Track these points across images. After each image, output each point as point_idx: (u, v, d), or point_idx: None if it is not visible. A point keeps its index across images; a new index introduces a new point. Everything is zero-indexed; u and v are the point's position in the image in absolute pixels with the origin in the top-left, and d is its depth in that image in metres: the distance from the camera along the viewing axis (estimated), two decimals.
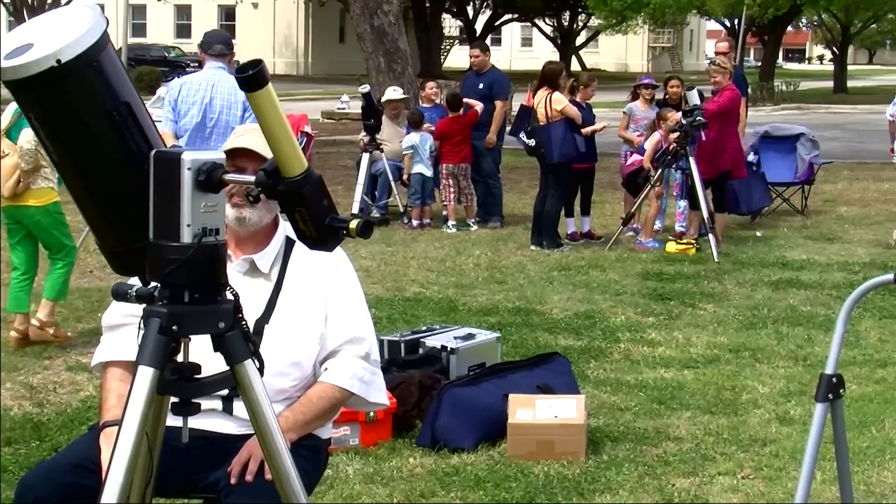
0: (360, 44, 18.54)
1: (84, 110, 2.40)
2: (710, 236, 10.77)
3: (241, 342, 2.54)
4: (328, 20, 60.28)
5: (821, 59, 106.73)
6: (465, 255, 10.89)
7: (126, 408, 2.45)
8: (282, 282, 3.42)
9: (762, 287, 9.54)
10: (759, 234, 12.30)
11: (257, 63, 2.34)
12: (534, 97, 11.55)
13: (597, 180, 12.74)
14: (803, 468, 3.32)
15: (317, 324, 3.42)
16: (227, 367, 2.55)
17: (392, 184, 12.92)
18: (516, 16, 61.60)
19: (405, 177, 12.79)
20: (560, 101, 11.17)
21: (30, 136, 6.94)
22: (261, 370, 2.58)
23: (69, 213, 7.14)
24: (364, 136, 12.97)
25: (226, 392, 3.11)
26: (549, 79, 11.36)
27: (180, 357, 2.53)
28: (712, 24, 68.19)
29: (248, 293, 3.02)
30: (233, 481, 3.16)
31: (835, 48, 58.19)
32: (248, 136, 3.37)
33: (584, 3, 51.97)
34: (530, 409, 5.49)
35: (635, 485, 5.09)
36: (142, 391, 2.44)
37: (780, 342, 7.69)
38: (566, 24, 61.13)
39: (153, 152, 2.44)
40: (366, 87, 13.19)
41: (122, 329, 3.37)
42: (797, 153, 14.16)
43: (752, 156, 13.63)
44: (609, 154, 15.20)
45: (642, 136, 12.07)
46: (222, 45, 8.69)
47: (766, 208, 13.50)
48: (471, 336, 6.57)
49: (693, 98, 11.07)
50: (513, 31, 77.54)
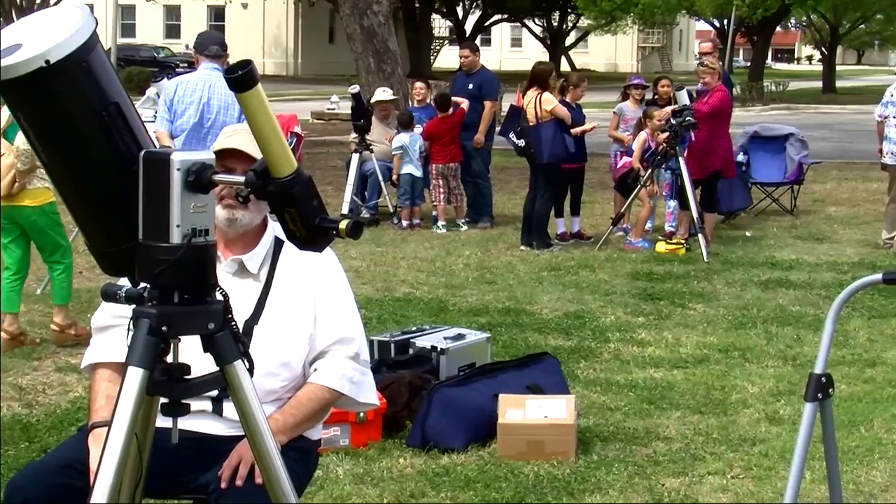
0: (350, 44, 18.51)
1: (73, 111, 2.40)
2: (700, 236, 10.78)
3: (230, 343, 2.53)
4: (318, 20, 60.26)
5: (810, 59, 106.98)
6: (454, 256, 10.89)
7: (115, 409, 2.45)
8: (271, 282, 3.42)
9: (752, 287, 9.56)
10: (748, 234, 12.32)
11: (246, 63, 2.34)
12: (523, 97, 11.56)
13: (586, 180, 12.76)
14: (792, 468, 3.33)
15: (306, 324, 3.42)
16: (217, 368, 2.55)
17: (382, 184, 12.91)
18: (506, 16, 61.63)
19: (394, 177, 12.79)
20: (550, 101, 11.18)
21: None
22: (251, 371, 2.58)
23: (63, 214, 7.12)
24: (354, 137, 12.97)
25: (216, 393, 3.11)
26: (538, 79, 11.37)
27: (170, 358, 2.52)
28: (702, 25, 68.25)
29: (237, 294, 3.02)
30: (223, 485, 3.16)
31: (823, 48, 58.33)
32: (238, 137, 3.37)
33: (573, 3, 52.04)
34: (520, 410, 5.50)
35: (625, 485, 5.09)
36: (131, 392, 2.44)
37: (769, 342, 7.70)
38: (556, 24, 61.19)
39: (142, 153, 2.43)
40: (355, 88, 13.19)
41: (112, 330, 3.36)
42: (786, 153, 14.18)
43: (741, 156, 13.67)
44: (599, 154, 15.20)
45: (631, 135, 12.09)
46: (218, 46, 8.71)
47: (743, 210, 13.50)
48: (461, 336, 6.57)
49: (682, 98, 11.10)
50: (502, 32, 77.55)
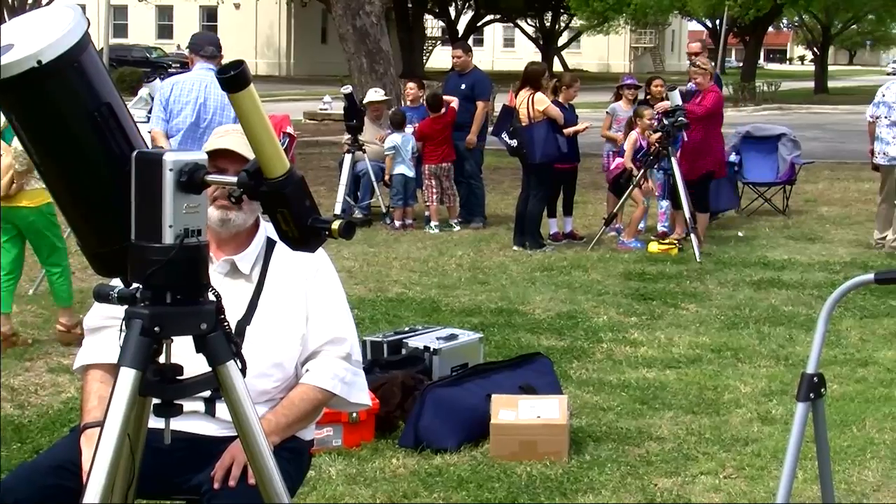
0: (343, 44, 18.50)
1: (65, 111, 2.39)
2: (692, 236, 10.79)
3: (223, 343, 2.53)
4: (310, 21, 60.21)
5: (802, 59, 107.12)
6: (447, 256, 10.89)
7: (108, 409, 2.44)
8: (263, 283, 3.41)
9: (744, 287, 9.57)
10: (740, 234, 12.34)
11: (239, 64, 2.34)
12: (516, 98, 11.56)
13: (579, 181, 12.77)
14: (785, 467, 3.33)
15: (298, 324, 3.41)
16: (210, 369, 2.55)
17: (374, 184, 12.91)
18: (498, 16, 61.62)
19: (387, 177, 12.78)
20: (542, 101, 11.18)
21: None
22: (243, 371, 2.57)
23: (58, 215, 7.11)
24: (346, 138, 12.96)
25: (208, 394, 3.11)
26: (531, 79, 11.37)
27: (162, 358, 2.52)
28: (694, 25, 68.33)
29: (230, 294, 3.01)
30: (216, 486, 3.16)
31: (815, 49, 58.39)
32: (229, 137, 3.37)
33: (566, 3, 52.04)
34: (513, 410, 5.50)
35: (618, 485, 5.09)
36: (124, 393, 2.44)
37: (761, 342, 7.71)
38: (548, 24, 61.20)
39: (135, 153, 2.43)
40: (348, 88, 13.17)
41: (104, 331, 3.36)
42: (778, 153, 14.19)
43: (733, 156, 13.68)
44: (591, 154, 15.22)
45: (622, 135, 12.09)
46: (213, 46, 8.71)
47: (729, 211, 13.51)
48: (453, 336, 6.57)
49: (675, 98, 11.11)
50: (495, 32, 77.53)
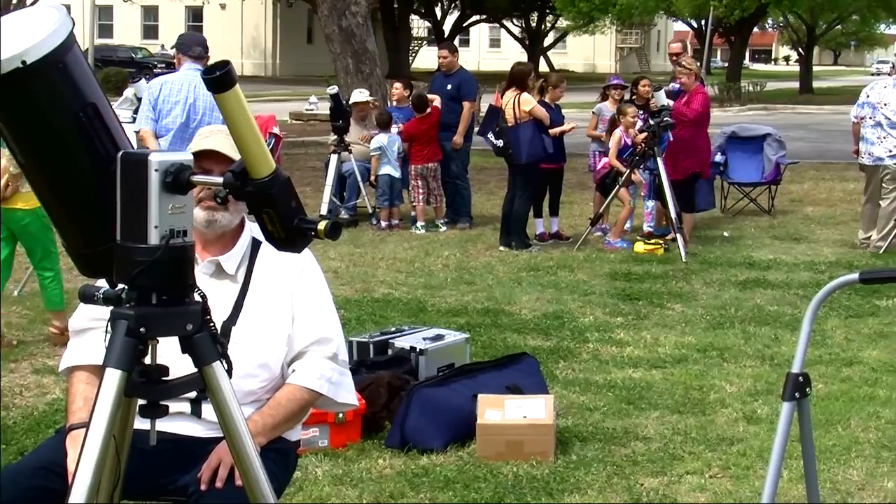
0: (329, 45, 18.49)
1: (50, 112, 2.38)
2: (678, 236, 10.81)
3: (209, 344, 2.52)
4: (296, 21, 60.16)
5: (787, 59, 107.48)
6: (433, 256, 10.89)
7: (93, 410, 2.43)
8: (248, 283, 3.41)
9: (729, 287, 9.59)
10: (726, 234, 12.36)
11: (225, 64, 2.33)
12: (502, 98, 11.57)
13: (565, 181, 12.78)
14: (770, 467, 3.34)
15: (284, 325, 3.41)
16: (196, 370, 2.54)
17: (360, 185, 12.90)
18: (484, 17, 61.67)
19: (372, 178, 12.78)
20: (528, 101, 11.19)
21: None
22: (229, 372, 2.57)
23: None
24: (333, 138, 12.95)
25: (194, 394, 3.10)
26: (517, 80, 11.38)
27: (148, 359, 2.51)
28: (679, 26, 68.45)
29: (215, 295, 3.01)
30: (203, 487, 3.16)
31: (800, 49, 58.57)
32: (214, 138, 3.36)
33: (551, 4, 52.11)
34: (499, 410, 5.50)
35: (604, 484, 5.10)
36: (109, 394, 2.43)
37: (747, 342, 7.72)
38: (534, 24, 61.27)
39: (120, 153, 2.42)
40: (334, 89, 13.17)
41: (89, 333, 3.35)
42: (764, 153, 14.23)
43: (718, 156, 13.71)
44: (577, 154, 15.23)
45: (606, 133, 12.11)
46: (201, 47, 8.70)
47: (701, 212, 13.49)
48: (440, 337, 6.57)
49: (661, 98, 11.13)
50: (481, 32, 77.60)
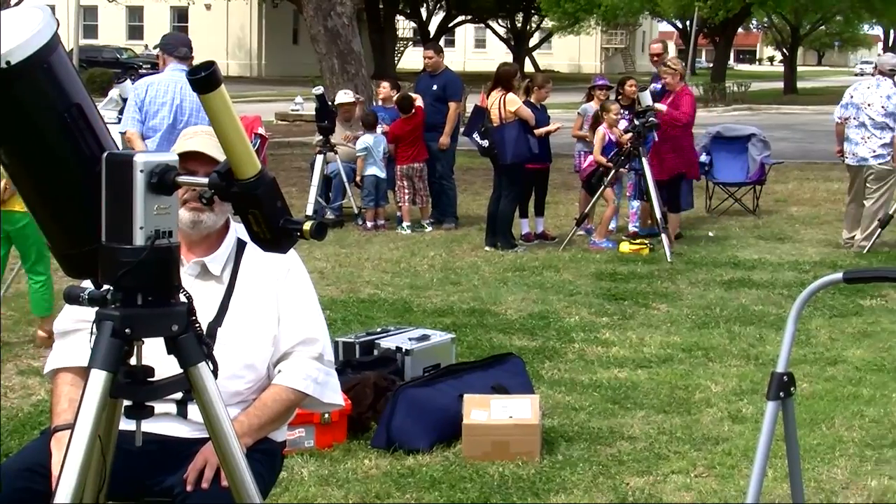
0: (314, 45, 18.47)
1: (34, 112, 2.37)
2: (663, 237, 10.83)
3: (194, 345, 2.52)
4: (282, 22, 60.06)
5: (771, 60, 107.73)
6: (419, 257, 10.89)
7: (78, 411, 2.43)
8: (234, 284, 3.41)
9: (714, 287, 9.61)
10: (711, 234, 12.39)
11: (210, 65, 2.33)
12: (487, 98, 11.57)
13: (550, 181, 12.78)
14: (755, 466, 3.35)
15: (270, 325, 3.41)
16: (181, 370, 2.54)
17: (346, 185, 12.90)
18: (470, 17, 61.67)
19: (358, 178, 12.77)
20: (514, 102, 11.20)
21: None
22: (215, 373, 2.57)
23: None
24: (318, 139, 12.94)
25: (180, 395, 3.09)
26: (503, 80, 11.38)
27: (133, 360, 2.51)
28: (665, 26, 68.59)
29: (200, 296, 3.00)
30: (189, 488, 3.15)
31: (785, 49, 58.70)
32: (198, 139, 3.36)
33: (536, 4, 52.15)
34: (485, 410, 5.50)
35: (590, 484, 5.11)
36: (94, 395, 2.42)
37: (732, 341, 7.74)
38: (519, 25, 61.29)
39: (105, 154, 2.42)
40: (319, 89, 13.16)
41: (75, 335, 3.35)
42: (748, 153, 14.27)
43: (703, 156, 13.75)
44: (563, 155, 15.25)
45: (589, 131, 12.12)
46: (186, 47, 8.69)
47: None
48: (425, 337, 6.57)
49: (646, 99, 11.15)
50: (466, 33, 77.58)
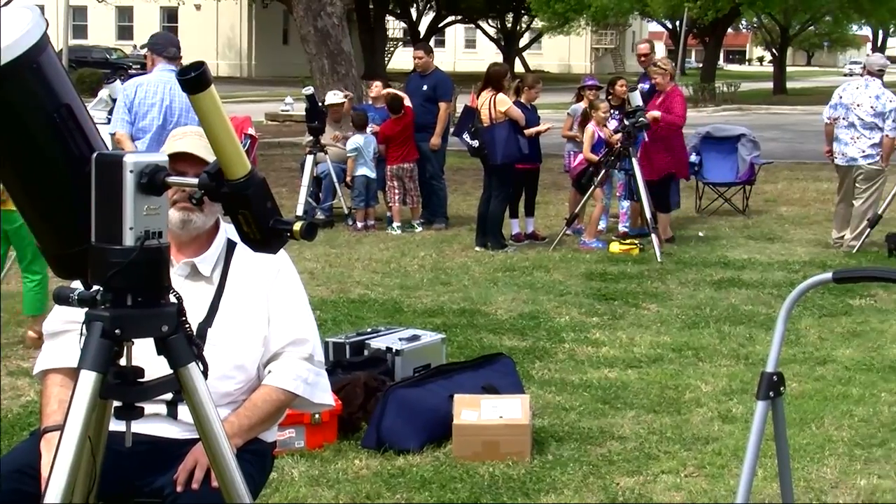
0: (304, 46, 18.47)
1: (24, 113, 2.37)
2: (653, 236, 10.84)
3: (184, 345, 2.52)
4: (271, 22, 60.01)
5: (761, 60, 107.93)
6: (409, 257, 10.89)
7: (68, 412, 2.42)
8: (224, 285, 3.40)
9: (704, 286, 9.63)
10: (701, 234, 12.40)
11: (200, 65, 2.33)
12: (478, 98, 11.58)
13: (541, 181, 12.80)
14: (744, 466, 3.35)
15: (260, 326, 3.41)
16: (171, 371, 2.54)
17: (336, 186, 12.89)
18: (460, 17, 61.68)
19: (348, 179, 12.77)
20: (504, 102, 11.20)
21: None
22: (205, 373, 2.57)
23: None
24: (308, 139, 12.94)
25: (170, 396, 3.08)
26: (493, 80, 11.39)
27: (123, 361, 2.50)
28: (654, 26, 68.67)
29: (190, 297, 3.00)
30: (179, 489, 3.15)
31: (774, 50, 58.80)
32: (187, 140, 3.36)
33: (527, 4, 52.17)
34: (475, 410, 5.50)
35: (580, 484, 5.11)
36: (84, 395, 2.42)
37: (722, 341, 7.75)
38: (509, 25, 61.32)
39: (95, 155, 2.42)
40: (309, 90, 13.16)
41: (64, 336, 3.34)
42: (738, 154, 14.28)
43: (693, 156, 13.76)
44: (553, 155, 15.25)
45: (579, 130, 12.14)
46: (175, 47, 8.66)
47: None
48: (416, 337, 6.57)
49: (635, 99, 11.16)
50: (456, 33, 77.58)
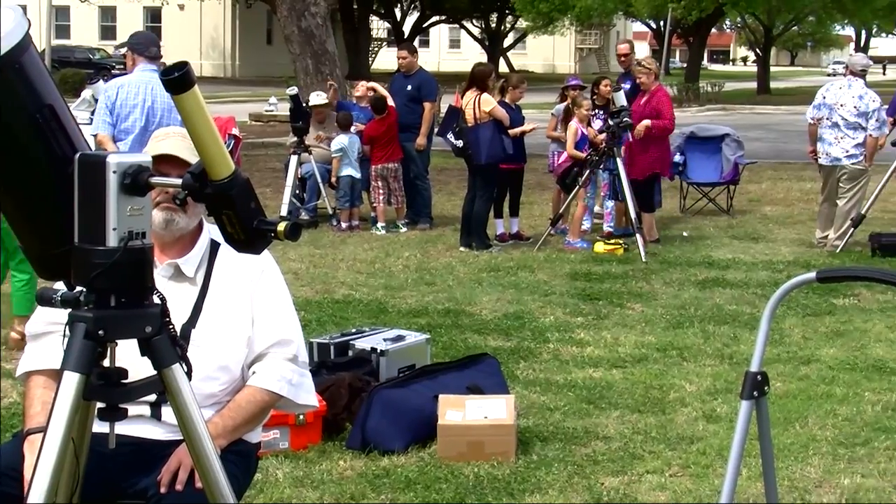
0: (288, 46, 18.45)
1: (6, 113, 2.36)
2: (638, 236, 10.85)
3: (168, 346, 2.51)
4: (255, 22, 59.89)
5: (744, 60, 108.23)
6: (394, 257, 10.88)
7: (51, 414, 2.41)
8: (207, 285, 3.39)
9: (689, 286, 9.64)
10: (685, 234, 12.43)
11: (183, 65, 2.32)
12: (462, 98, 11.58)
13: (525, 181, 12.80)
14: (729, 465, 3.36)
15: (244, 327, 3.40)
16: (155, 372, 2.53)
17: (321, 186, 12.88)
18: (444, 17, 61.68)
19: (333, 179, 12.76)
20: (488, 102, 11.20)
21: None
22: (189, 375, 2.56)
23: None
24: (292, 139, 12.92)
25: (154, 397, 3.08)
26: (478, 80, 11.39)
27: (107, 362, 2.50)
28: (639, 26, 68.79)
29: (174, 298, 2.99)
30: (163, 490, 3.14)
31: (758, 50, 58.99)
32: (170, 141, 3.35)
33: (511, 4, 52.18)
34: (460, 410, 5.50)
35: (565, 484, 5.12)
36: (67, 397, 2.41)
37: (706, 341, 7.77)
38: (494, 25, 61.33)
39: (77, 155, 2.41)
40: (294, 90, 13.14)
41: (47, 337, 3.33)
42: (722, 153, 14.31)
43: (677, 156, 13.79)
44: (537, 155, 15.26)
45: (562, 128, 12.15)
46: (156, 47, 8.63)
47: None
48: (400, 338, 6.57)
49: (620, 99, 11.17)
50: (441, 33, 77.58)
